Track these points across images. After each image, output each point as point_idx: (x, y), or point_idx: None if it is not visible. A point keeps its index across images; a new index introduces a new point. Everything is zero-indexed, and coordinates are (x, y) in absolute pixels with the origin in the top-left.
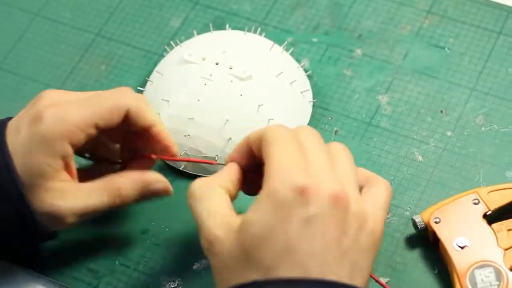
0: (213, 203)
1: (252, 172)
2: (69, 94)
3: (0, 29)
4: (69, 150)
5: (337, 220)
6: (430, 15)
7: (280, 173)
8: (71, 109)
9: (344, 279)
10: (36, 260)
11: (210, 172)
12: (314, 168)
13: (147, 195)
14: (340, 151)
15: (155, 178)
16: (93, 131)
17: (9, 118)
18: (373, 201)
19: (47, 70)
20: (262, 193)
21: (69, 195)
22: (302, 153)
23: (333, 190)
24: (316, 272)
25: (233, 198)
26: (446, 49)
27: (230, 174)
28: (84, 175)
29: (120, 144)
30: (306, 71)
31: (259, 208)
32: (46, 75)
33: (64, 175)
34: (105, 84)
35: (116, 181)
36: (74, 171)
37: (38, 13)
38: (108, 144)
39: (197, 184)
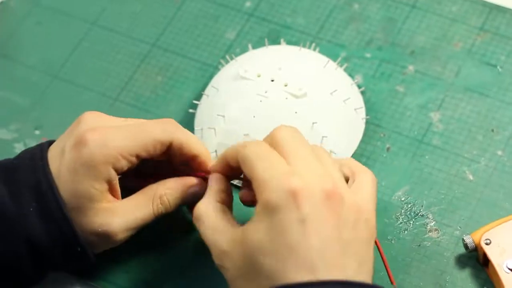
0: (215, 220)
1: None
2: (110, 119)
3: (57, 38)
4: (113, 174)
5: (333, 215)
6: (482, 32)
7: (268, 184)
8: (114, 137)
9: (350, 271)
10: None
11: None
12: (301, 170)
13: (188, 198)
14: (321, 149)
15: (193, 181)
16: (135, 160)
17: (50, 142)
18: (361, 192)
19: (103, 79)
20: (257, 207)
21: (117, 213)
22: (286, 158)
23: (325, 188)
24: (322, 269)
25: (230, 204)
26: (498, 67)
27: (218, 185)
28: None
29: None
30: (359, 87)
31: (257, 219)
32: (102, 84)
33: (110, 196)
34: (160, 95)
35: (157, 190)
36: (119, 192)
37: (95, 22)
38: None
39: (199, 207)
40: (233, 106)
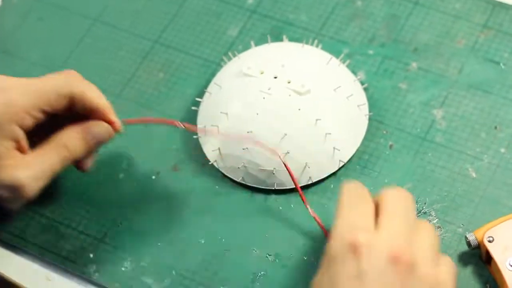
0: None
1: None
2: (11, 79)
3: (60, 34)
4: (20, 133)
5: (396, 280)
6: (485, 29)
7: (337, 231)
8: (17, 95)
9: None
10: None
11: (267, 184)
12: (382, 230)
13: (93, 142)
14: (427, 226)
15: (95, 122)
16: (40, 115)
17: None
18: (444, 270)
19: (106, 76)
20: (324, 255)
21: (24, 166)
22: (379, 215)
23: (391, 249)
24: None
25: None
26: (501, 64)
27: None
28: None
29: None
30: (362, 83)
31: (320, 271)
32: (104, 81)
33: (17, 153)
34: (163, 92)
35: (60, 137)
36: (27, 148)
37: (98, 19)
38: None
39: None
40: (236, 103)
